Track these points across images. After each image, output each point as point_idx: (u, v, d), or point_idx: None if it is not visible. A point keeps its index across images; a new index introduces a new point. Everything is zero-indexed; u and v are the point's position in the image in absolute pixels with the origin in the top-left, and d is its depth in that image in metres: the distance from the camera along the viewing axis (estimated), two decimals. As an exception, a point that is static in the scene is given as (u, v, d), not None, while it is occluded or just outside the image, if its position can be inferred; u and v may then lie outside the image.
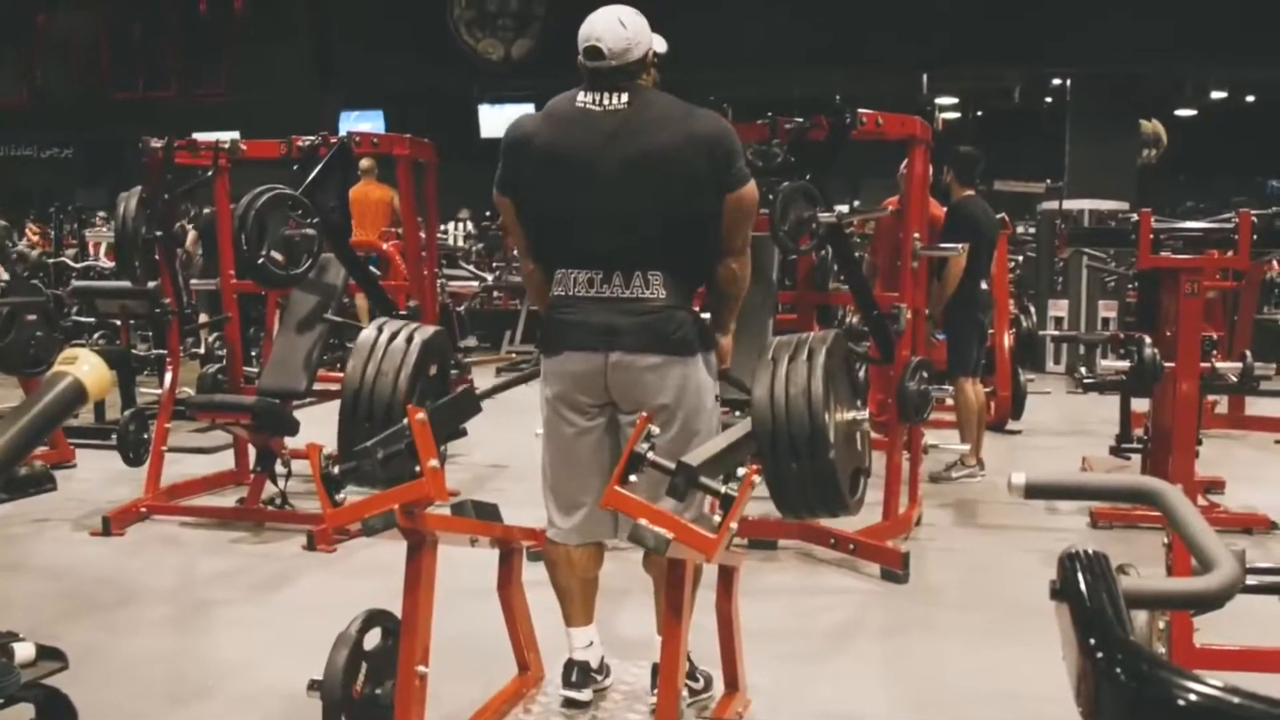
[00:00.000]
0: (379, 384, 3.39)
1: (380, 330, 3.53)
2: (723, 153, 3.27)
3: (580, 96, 3.33)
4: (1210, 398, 7.69)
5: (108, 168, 17.94)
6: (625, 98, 3.28)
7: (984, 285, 7.05)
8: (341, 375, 7.63)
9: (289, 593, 5.01)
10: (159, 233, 6.35)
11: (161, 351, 7.03)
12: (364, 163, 9.94)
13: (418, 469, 2.83)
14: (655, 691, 3.25)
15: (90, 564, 5.38)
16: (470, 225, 16.36)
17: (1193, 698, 0.99)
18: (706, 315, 3.51)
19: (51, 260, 12.19)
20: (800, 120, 5.30)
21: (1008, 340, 8.43)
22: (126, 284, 7.29)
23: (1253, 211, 5.50)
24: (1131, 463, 6.39)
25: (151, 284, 6.67)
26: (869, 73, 13.95)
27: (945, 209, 7.09)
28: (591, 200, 3.27)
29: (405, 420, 2.92)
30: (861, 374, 6.41)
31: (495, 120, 15.88)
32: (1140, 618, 2.44)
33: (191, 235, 12.24)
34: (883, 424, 5.63)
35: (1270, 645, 3.53)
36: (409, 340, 3.47)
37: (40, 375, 6.50)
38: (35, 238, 16.37)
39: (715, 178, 3.25)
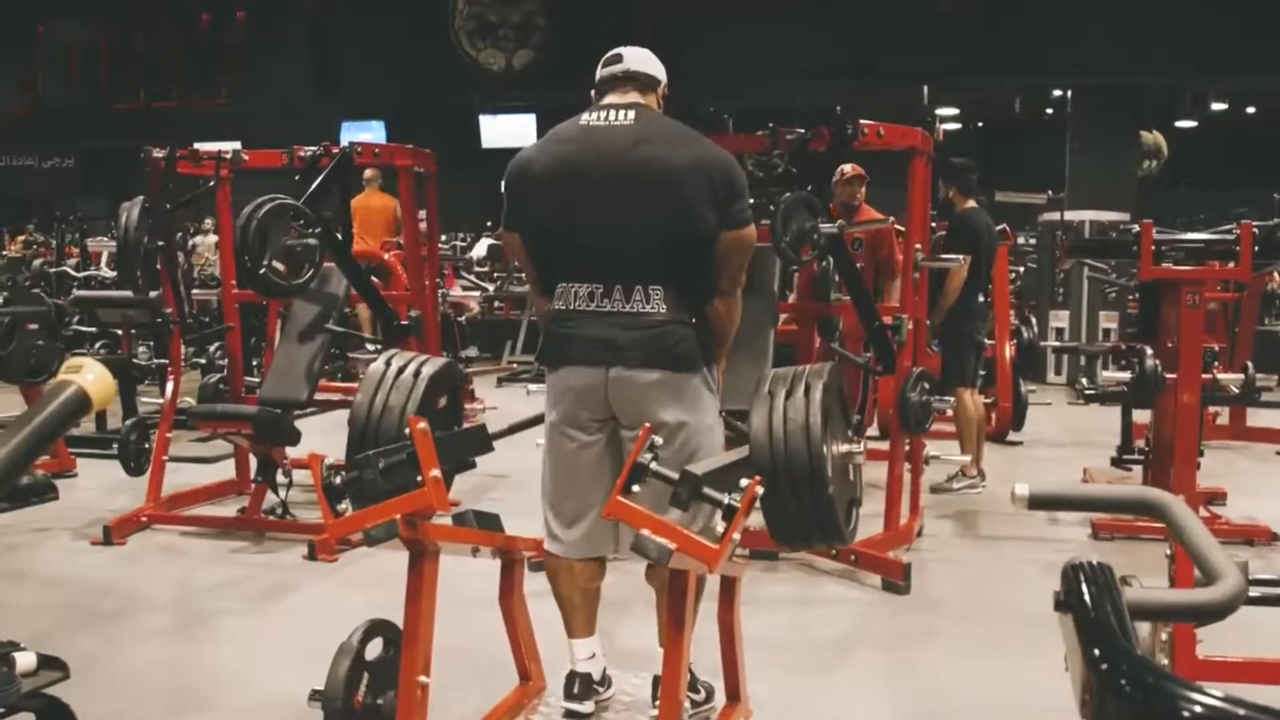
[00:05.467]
0: (385, 418, 3.38)
1: (389, 363, 3.52)
2: (726, 183, 3.26)
3: (584, 117, 3.34)
4: (1211, 409, 7.70)
5: (109, 177, 17.97)
6: (631, 115, 3.28)
7: (981, 298, 7.07)
8: (342, 385, 7.68)
9: (290, 603, 5.00)
10: (161, 242, 6.36)
11: (163, 361, 7.03)
12: (368, 172, 9.97)
13: (419, 479, 2.83)
14: (657, 703, 3.25)
15: (91, 573, 5.37)
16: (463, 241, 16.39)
17: (1198, 709, 0.99)
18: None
19: (53, 269, 12.21)
20: (802, 131, 5.31)
21: (1009, 351, 8.43)
22: (128, 293, 7.31)
23: (1254, 223, 5.49)
24: (1133, 474, 6.38)
25: (153, 293, 6.68)
26: (870, 84, 13.97)
27: (946, 222, 7.12)
28: (593, 213, 3.27)
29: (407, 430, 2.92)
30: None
31: (496, 130, 15.91)
32: (1143, 629, 2.44)
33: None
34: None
35: (1273, 657, 3.53)
36: (416, 374, 3.47)
37: (41, 384, 6.51)
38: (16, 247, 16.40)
39: (715, 206, 3.24)
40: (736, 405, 4.05)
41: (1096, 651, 1.11)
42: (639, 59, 3.43)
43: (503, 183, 3.44)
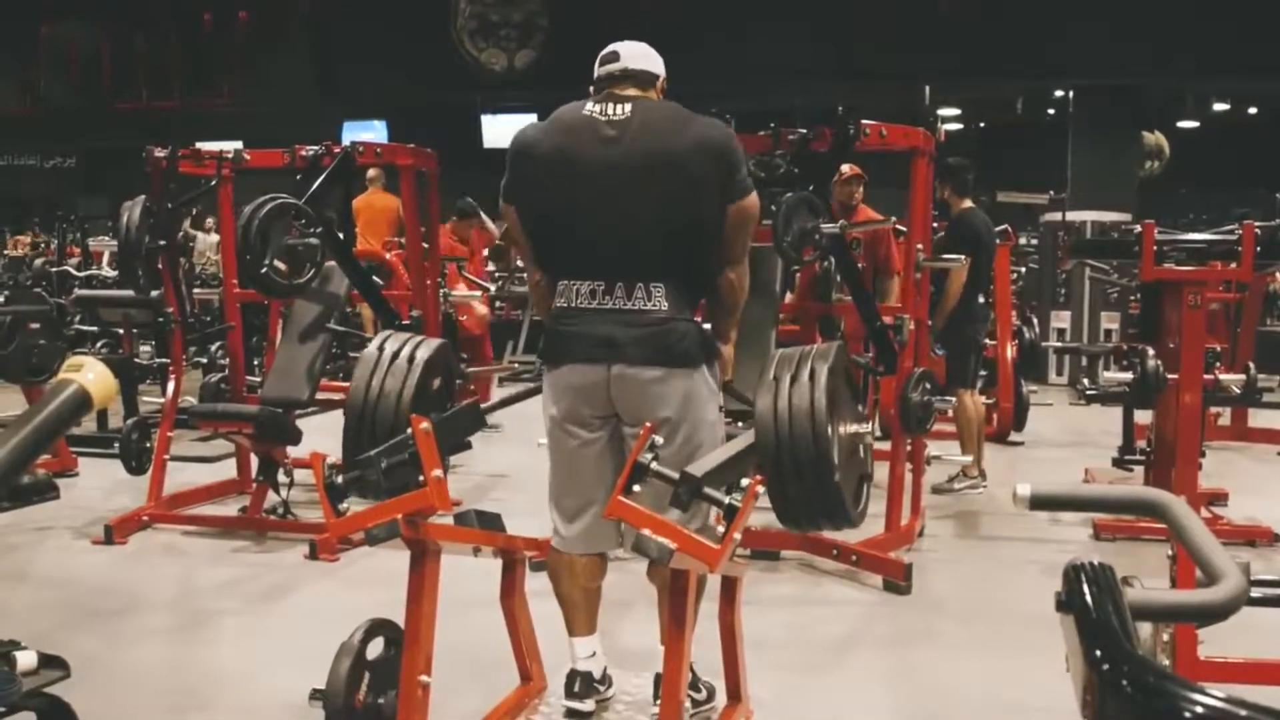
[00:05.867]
0: (382, 403, 3.38)
1: (382, 348, 3.52)
2: (726, 160, 3.28)
3: (587, 106, 3.34)
4: (1213, 409, 7.69)
5: (110, 177, 17.98)
6: (629, 108, 3.29)
7: (982, 299, 7.06)
8: (344, 384, 7.68)
9: (291, 602, 5.00)
10: (162, 242, 6.36)
11: (164, 360, 7.04)
12: (371, 172, 9.96)
13: (421, 478, 2.83)
14: (658, 702, 3.25)
15: (92, 572, 5.37)
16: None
17: (1199, 710, 0.99)
18: (708, 325, 3.51)
19: (55, 269, 12.21)
20: (803, 131, 5.31)
21: (1010, 351, 8.43)
22: (130, 293, 7.32)
23: (1256, 223, 5.49)
24: (1134, 474, 6.38)
25: (155, 293, 6.68)
26: (870, 85, 13.96)
27: (946, 223, 7.12)
28: (594, 209, 3.27)
29: (409, 430, 2.92)
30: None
31: (498, 130, 15.89)
32: (1145, 630, 2.44)
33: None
34: None
35: (1275, 658, 3.53)
36: (411, 358, 3.46)
37: (43, 384, 6.51)
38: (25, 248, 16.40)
39: (719, 184, 3.26)
40: (742, 394, 4.05)
41: (1098, 652, 1.11)
42: (636, 56, 3.42)
43: (507, 157, 3.43)
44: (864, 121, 5.23)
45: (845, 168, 6.64)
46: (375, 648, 3.14)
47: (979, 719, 3.81)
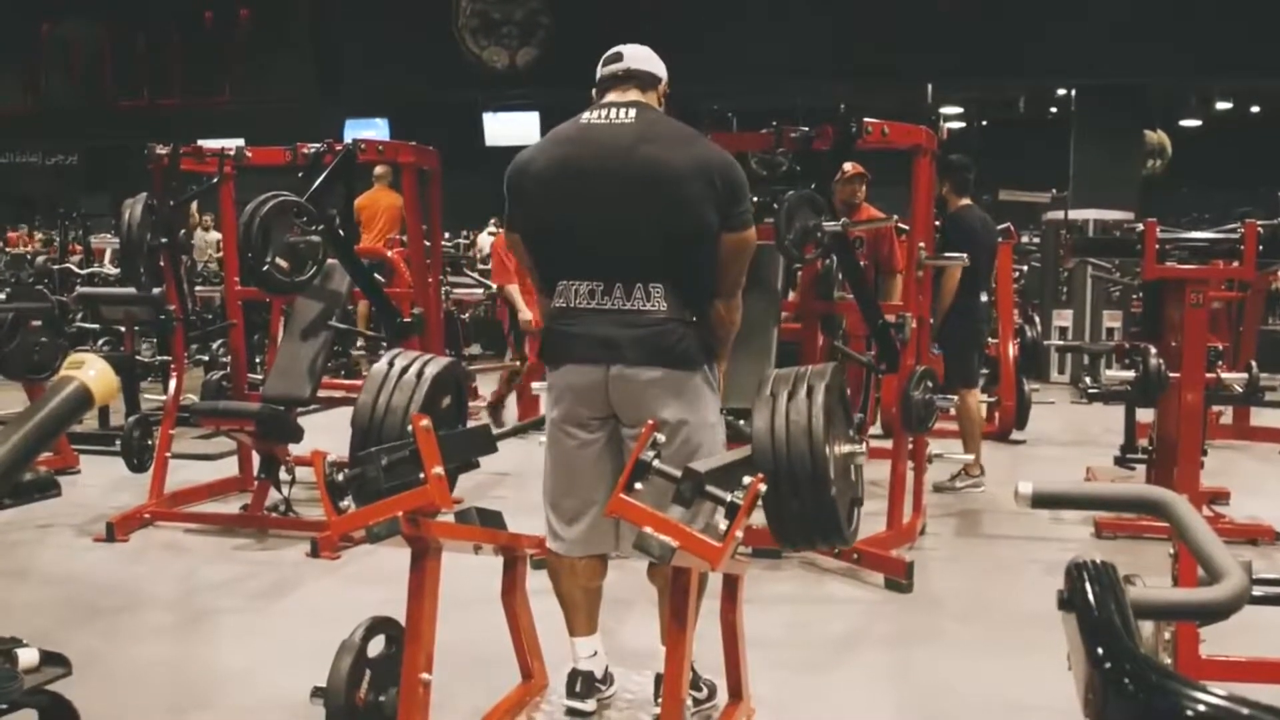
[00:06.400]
0: (389, 419, 3.37)
1: (392, 364, 3.51)
2: (728, 186, 3.25)
3: (585, 116, 3.33)
4: (1215, 408, 7.68)
5: (111, 175, 18.01)
6: (633, 114, 3.28)
7: (984, 298, 7.04)
8: (345, 382, 7.68)
9: (292, 600, 5.00)
10: (164, 239, 6.36)
11: (166, 358, 7.04)
12: (378, 169, 9.97)
13: (421, 476, 2.83)
14: (659, 701, 3.25)
15: (94, 570, 5.38)
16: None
17: (1200, 708, 0.99)
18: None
19: (57, 266, 12.23)
20: (806, 129, 5.30)
21: (1012, 350, 8.42)
22: (131, 290, 7.32)
23: (1258, 222, 5.48)
24: (1136, 473, 6.37)
25: (156, 290, 6.68)
26: (870, 84, 13.97)
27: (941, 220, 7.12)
28: (592, 212, 3.26)
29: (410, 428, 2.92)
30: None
31: (499, 128, 15.93)
32: (1147, 628, 2.44)
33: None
34: None
35: (1276, 656, 3.53)
36: (420, 374, 3.45)
37: (44, 381, 6.52)
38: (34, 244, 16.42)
39: (717, 207, 3.23)
40: (738, 404, 4.04)
41: (1100, 650, 1.10)
42: (639, 57, 3.42)
43: (504, 185, 3.43)
44: (866, 119, 5.22)
45: (847, 166, 6.64)
46: (376, 645, 3.14)
47: (980, 718, 3.81)
